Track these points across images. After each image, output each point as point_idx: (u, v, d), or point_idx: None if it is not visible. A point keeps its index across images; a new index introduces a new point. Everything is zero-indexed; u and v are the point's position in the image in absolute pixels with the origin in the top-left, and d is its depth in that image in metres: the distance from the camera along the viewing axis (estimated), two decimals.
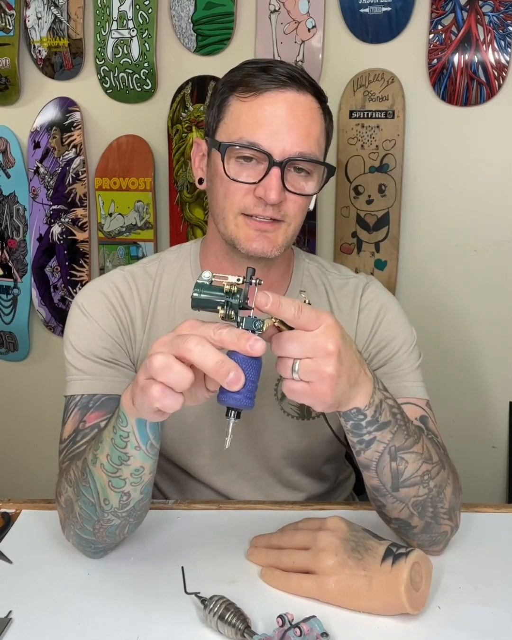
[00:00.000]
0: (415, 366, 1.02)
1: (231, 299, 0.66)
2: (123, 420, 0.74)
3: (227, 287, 0.66)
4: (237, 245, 0.93)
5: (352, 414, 0.76)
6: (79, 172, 1.76)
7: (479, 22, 1.54)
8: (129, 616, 0.78)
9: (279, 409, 1.05)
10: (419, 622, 0.77)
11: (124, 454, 0.75)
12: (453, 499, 0.87)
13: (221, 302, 0.66)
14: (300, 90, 0.91)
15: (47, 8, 1.69)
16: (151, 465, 0.78)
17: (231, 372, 0.63)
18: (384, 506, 0.85)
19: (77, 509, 0.82)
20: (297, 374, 0.68)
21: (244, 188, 0.91)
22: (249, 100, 0.91)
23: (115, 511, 0.80)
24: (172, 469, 1.11)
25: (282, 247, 0.94)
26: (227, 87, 0.94)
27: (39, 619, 0.78)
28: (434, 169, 1.65)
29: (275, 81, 0.90)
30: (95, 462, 0.78)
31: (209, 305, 0.67)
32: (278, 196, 0.89)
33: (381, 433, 0.78)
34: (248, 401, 0.66)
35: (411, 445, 0.80)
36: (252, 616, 0.74)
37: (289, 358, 0.68)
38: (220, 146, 0.91)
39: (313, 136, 0.92)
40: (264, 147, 0.89)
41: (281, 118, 0.89)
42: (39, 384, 1.93)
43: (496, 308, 1.70)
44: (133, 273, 1.04)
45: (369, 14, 1.57)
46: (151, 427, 0.74)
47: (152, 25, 1.65)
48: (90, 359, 0.98)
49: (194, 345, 0.64)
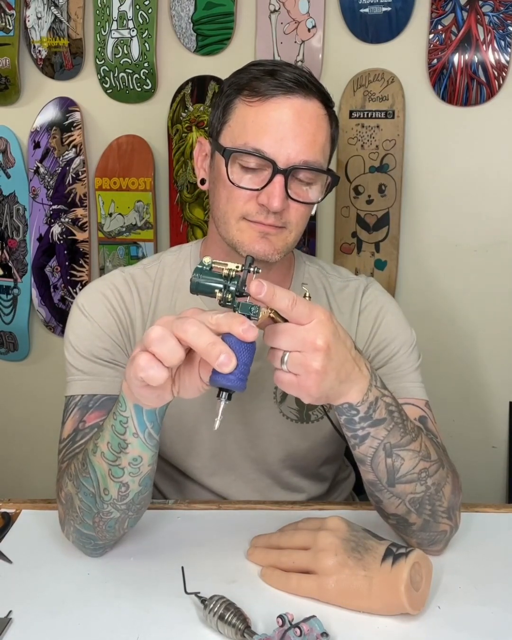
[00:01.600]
0: (414, 367, 1.02)
1: (229, 283, 0.67)
2: (122, 404, 0.75)
3: (226, 271, 0.68)
4: (240, 248, 0.93)
5: (344, 408, 0.77)
6: (79, 172, 1.76)
7: (479, 22, 1.54)
8: (129, 616, 0.78)
9: (278, 412, 1.05)
10: (419, 622, 0.77)
11: (123, 441, 0.76)
12: (452, 498, 0.87)
13: (219, 287, 0.68)
14: (307, 97, 0.90)
15: (47, 8, 1.69)
16: (150, 457, 0.78)
17: (222, 354, 0.64)
18: (381, 501, 0.85)
19: (77, 502, 0.83)
20: (285, 365, 0.70)
21: (246, 194, 0.91)
22: (255, 105, 0.90)
23: (115, 503, 0.81)
24: (171, 470, 1.11)
25: (282, 252, 0.94)
26: (233, 89, 0.93)
27: (39, 619, 0.78)
28: (434, 169, 1.65)
29: (282, 87, 0.89)
30: (95, 451, 0.79)
31: (207, 289, 0.68)
32: (281, 204, 0.88)
33: (375, 429, 0.78)
34: (239, 382, 0.66)
35: (408, 442, 0.80)
36: (252, 616, 0.74)
37: (280, 349, 0.70)
38: (224, 151, 0.90)
39: (318, 144, 0.91)
40: (268, 154, 0.88)
41: (286, 125, 0.89)
42: (39, 384, 1.93)
43: (495, 308, 1.70)
44: (133, 275, 1.05)
45: (369, 14, 1.57)
46: (148, 415, 0.75)
47: (152, 25, 1.65)
48: (90, 359, 0.98)
49: (191, 326, 0.65)
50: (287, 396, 1.04)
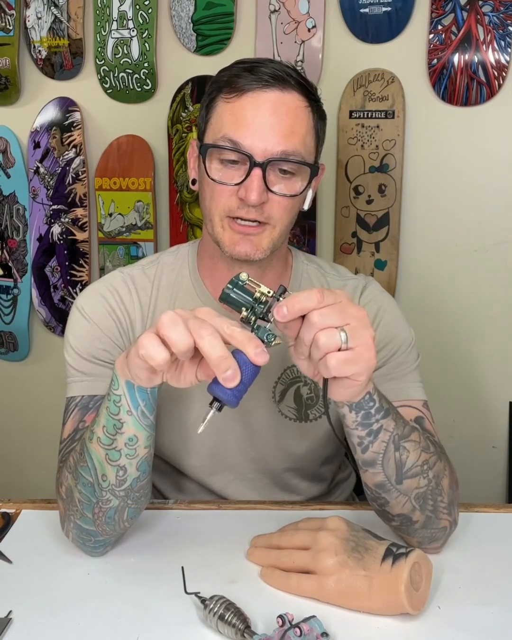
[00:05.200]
0: (413, 367, 1.02)
1: (257, 305, 0.69)
2: (115, 382, 0.76)
3: (258, 294, 0.70)
4: (222, 248, 0.94)
5: (364, 401, 0.77)
6: (79, 172, 1.76)
7: (479, 22, 1.54)
8: (129, 616, 0.78)
9: (276, 412, 1.05)
10: (419, 622, 0.77)
11: (118, 421, 0.77)
12: (451, 492, 0.88)
13: (247, 305, 0.70)
14: (284, 90, 0.90)
15: (47, 8, 1.69)
16: (145, 438, 0.79)
17: (230, 369, 0.65)
18: (387, 503, 0.85)
19: (76, 495, 0.83)
20: (346, 342, 0.68)
21: (228, 190, 0.90)
22: (232, 100, 0.90)
23: (113, 489, 0.81)
24: (170, 470, 1.11)
25: (268, 249, 0.94)
26: (214, 88, 0.94)
27: (39, 619, 0.78)
28: (434, 169, 1.65)
29: (258, 81, 0.89)
30: (92, 438, 0.80)
31: (235, 304, 0.70)
32: (259, 197, 0.88)
33: (386, 420, 0.79)
34: (234, 399, 0.68)
35: (410, 433, 0.82)
36: (252, 616, 0.74)
37: (333, 328, 0.68)
38: (201, 147, 0.91)
39: (298, 135, 0.90)
40: (244, 148, 0.88)
41: (262, 118, 0.88)
42: (39, 384, 1.93)
43: (496, 308, 1.70)
44: (132, 275, 1.05)
45: (369, 14, 1.57)
46: (140, 393, 0.75)
47: (152, 25, 1.65)
48: (90, 360, 0.98)
49: (207, 334, 0.66)
50: (286, 395, 1.04)
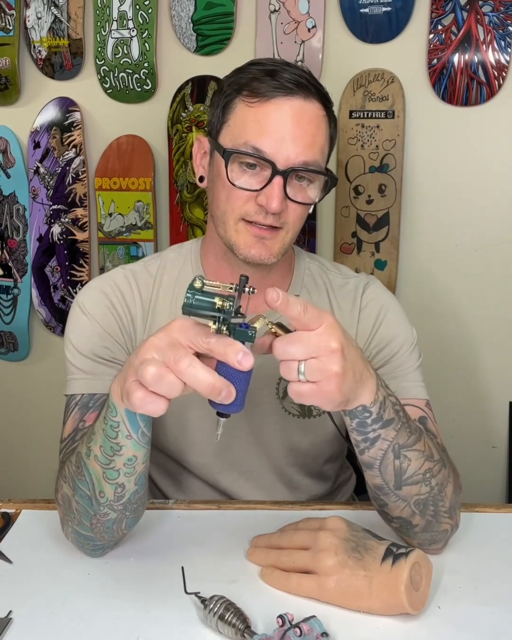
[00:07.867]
0: (415, 366, 1.02)
1: (225, 302, 0.65)
2: (113, 410, 0.74)
3: (219, 303, 0.64)
4: (236, 250, 0.94)
5: (358, 412, 0.76)
6: (79, 172, 1.76)
7: (479, 22, 1.54)
8: (129, 616, 0.78)
9: (280, 408, 1.05)
10: (419, 622, 0.77)
11: (116, 444, 0.75)
12: (454, 497, 0.87)
13: (213, 308, 0.65)
14: (307, 98, 0.90)
15: (47, 8, 1.69)
16: (144, 454, 0.78)
17: (223, 391, 0.65)
18: (386, 505, 0.85)
19: (74, 504, 0.82)
20: (303, 375, 0.68)
21: (245, 194, 0.91)
22: (255, 105, 0.90)
23: (111, 504, 0.80)
24: (173, 468, 1.10)
25: (279, 254, 0.95)
26: (232, 89, 0.93)
27: (39, 619, 0.78)
28: (434, 169, 1.65)
29: (282, 88, 0.89)
30: (89, 454, 0.78)
31: (201, 309, 0.65)
32: (280, 205, 0.89)
33: (385, 430, 0.78)
34: (237, 408, 0.68)
35: (414, 442, 0.80)
36: (252, 616, 0.74)
37: (293, 360, 0.68)
38: (224, 152, 0.91)
39: (318, 145, 0.91)
40: (267, 155, 0.89)
41: (286, 126, 0.89)
42: (39, 384, 1.93)
43: (496, 308, 1.70)
44: (134, 272, 1.05)
45: (369, 14, 1.57)
46: (141, 416, 0.74)
47: (152, 25, 1.65)
48: (90, 358, 0.98)
49: (186, 366, 0.64)
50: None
